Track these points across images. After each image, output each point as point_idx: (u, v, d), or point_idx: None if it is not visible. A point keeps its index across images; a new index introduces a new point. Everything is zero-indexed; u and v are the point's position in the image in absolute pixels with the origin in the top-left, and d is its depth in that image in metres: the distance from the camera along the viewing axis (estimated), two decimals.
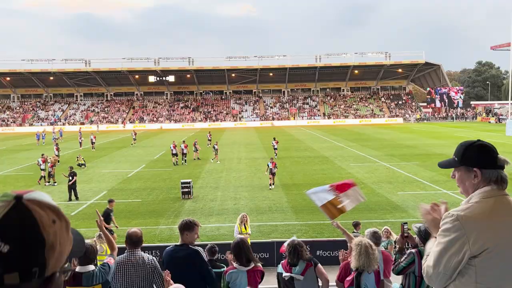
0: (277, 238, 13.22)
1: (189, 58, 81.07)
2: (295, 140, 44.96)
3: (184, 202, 18.67)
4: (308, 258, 5.05)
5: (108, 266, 4.11)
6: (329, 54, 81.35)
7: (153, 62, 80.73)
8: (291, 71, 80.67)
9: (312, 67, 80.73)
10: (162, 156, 34.41)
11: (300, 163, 28.94)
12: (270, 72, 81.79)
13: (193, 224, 4.64)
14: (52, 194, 20.71)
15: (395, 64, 79.80)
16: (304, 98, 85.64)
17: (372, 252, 4.29)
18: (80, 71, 79.18)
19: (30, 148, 42.97)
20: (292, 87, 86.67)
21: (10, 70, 78.17)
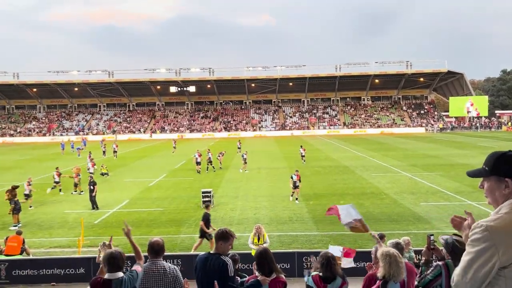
0: (298, 249, 13.14)
1: (210, 68, 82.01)
2: (315, 150, 44.73)
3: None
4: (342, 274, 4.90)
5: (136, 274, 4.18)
6: (349, 64, 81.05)
7: (174, 72, 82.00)
8: (310, 80, 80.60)
9: (332, 77, 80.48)
10: (183, 165, 34.72)
11: (321, 173, 28.75)
12: (289, 81, 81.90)
13: (228, 235, 4.66)
14: (76, 203, 21.19)
15: (417, 73, 78.85)
16: (324, 107, 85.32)
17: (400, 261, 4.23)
18: (104, 82, 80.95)
19: (55, 157, 43.97)
20: (311, 96, 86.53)
21: (36, 81, 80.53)
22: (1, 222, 17.70)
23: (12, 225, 16.83)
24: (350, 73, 79.91)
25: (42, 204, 21.27)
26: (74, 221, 17.67)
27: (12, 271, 11.80)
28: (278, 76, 79.65)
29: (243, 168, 30.35)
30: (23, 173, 32.40)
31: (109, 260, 4.16)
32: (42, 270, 11.77)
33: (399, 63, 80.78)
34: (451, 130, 75.46)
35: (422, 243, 11.88)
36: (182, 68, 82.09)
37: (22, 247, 12.48)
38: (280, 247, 13.63)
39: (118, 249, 4.36)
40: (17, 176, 30.56)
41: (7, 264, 11.84)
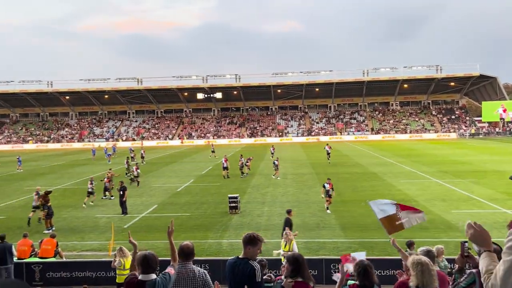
0: (325, 255, 13.01)
1: (236, 75, 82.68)
2: (342, 156, 44.26)
3: (231, 217, 18.84)
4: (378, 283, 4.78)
5: (168, 276, 4.25)
6: (376, 69, 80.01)
7: (201, 79, 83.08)
8: (337, 86, 79.97)
9: (359, 82, 79.65)
10: (210, 171, 35.01)
11: (348, 180, 28.40)
12: (316, 87, 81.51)
13: (257, 239, 4.66)
14: (107, 208, 21.66)
15: (447, 78, 77.03)
16: (351, 113, 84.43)
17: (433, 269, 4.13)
18: (133, 89, 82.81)
19: (86, 163, 45.19)
20: (338, 102, 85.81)
21: (69, 89, 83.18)
22: (36, 225, 18.28)
23: (46, 229, 17.37)
24: (378, 78, 78.87)
25: (74, 208, 21.86)
26: (104, 225, 18.09)
27: (46, 273, 12.17)
28: (304, 81, 79.44)
29: (275, 175, 29.88)
30: (57, 178, 33.46)
31: (143, 262, 4.25)
32: (75, 273, 12.09)
33: (428, 67, 79.25)
34: (484, 136, 73.19)
35: (454, 252, 11.56)
36: (209, 75, 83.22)
37: (55, 250, 12.86)
38: (307, 254, 13.51)
39: (151, 251, 4.45)
40: (51, 181, 31.58)
41: (42, 266, 12.22)
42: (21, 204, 23.39)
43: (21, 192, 27.11)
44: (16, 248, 12.48)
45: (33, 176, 35.24)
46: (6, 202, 23.93)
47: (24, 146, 78.24)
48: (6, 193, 27.14)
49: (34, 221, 18.80)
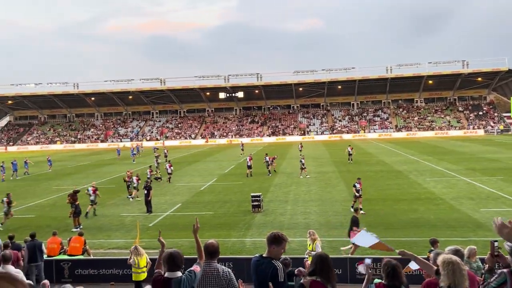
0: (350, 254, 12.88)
1: (257, 74, 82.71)
2: (366, 154, 43.73)
3: (254, 216, 18.88)
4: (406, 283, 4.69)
5: (194, 274, 4.30)
6: (400, 65, 78.64)
7: (223, 79, 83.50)
8: (360, 83, 79.04)
9: (382, 79, 78.48)
10: (232, 170, 35.18)
11: (372, 178, 28.05)
12: (338, 85, 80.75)
13: (281, 239, 4.64)
14: (132, 206, 22.02)
15: (474, 73, 75.03)
16: (374, 110, 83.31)
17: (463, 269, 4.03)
18: (156, 89, 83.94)
19: (112, 162, 46.09)
20: (361, 99, 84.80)
21: (94, 90, 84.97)
22: (64, 224, 18.77)
23: (74, 227, 17.81)
24: (402, 74, 77.53)
25: (101, 207, 22.33)
26: (130, 224, 18.41)
27: (75, 270, 12.49)
28: (326, 79, 78.82)
29: (303, 174, 29.44)
30: (83, 177, 34.23)
31: (169, 260, 4.31)
32: (102, 270, 12.36)
33: (454, 62, 77.41)
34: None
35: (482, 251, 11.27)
36: (230, 75, 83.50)
37: (83, 247, 13.17)
38: (331, 253, 13.42)
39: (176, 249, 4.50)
40: (78, 181, 32.32)
41: (70, 263, 12.54)
42: (50, 203, 24.06)
43: (49, 192, 27.86)
44: (46, 246, 12.84)
45: (61, 176, 36.16)
46: (35, 201, 24.65)
47: (52, 146, 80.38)
48: (36, 192, 27.95)
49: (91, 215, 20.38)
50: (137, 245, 11.27)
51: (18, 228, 18.19)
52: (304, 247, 12.84)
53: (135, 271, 10.76)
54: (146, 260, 10.90)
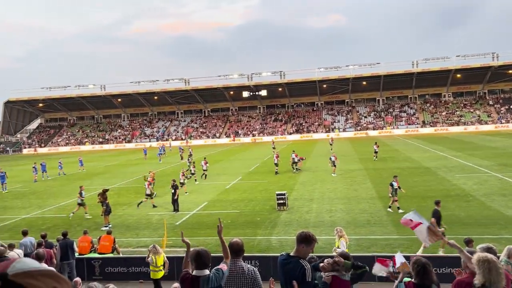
0: (377, 252, 12.71)
1: (281, 71, 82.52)
2: (392, 151, 43.00)
3: (279, 214, 18.86)
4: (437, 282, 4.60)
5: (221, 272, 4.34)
6: (427, 59, 76.90)
7: (246, 78, 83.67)
8: (385, 78, 77.75)
9: (408, 73, 76.96)
10: (257, 168, 35.23)
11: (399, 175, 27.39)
12: (363, 81, 79.67)
13: (312, 239, 4.62)
14: (159, 205, 22.31)
15: (505, 65, 72.57)
16: (401, 106, 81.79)
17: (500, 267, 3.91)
18: (180, 90, 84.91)
19: (139, 162, 46.91)
20: (387, 95, 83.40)
21: (120, 92, 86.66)
22: (94, 223, 19.24)
23: (103, 226, 18.23)
24: (429, 68, 75.81)
25: (129, 206, 22.79)
26: (157, 223, 18.71)
27: (105, 268, 12.79)
28: (351, 75, 77.90)
29: (334, 172, 28.88)
30: (111, 177, 34.99)
31: (196, 258, 4.36)
32: (131, 268, 12.61)
33: (483, 55, 75.12)
34: None
35: None
36: (253, 73, 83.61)
37: (113, 246, 13.47)
38: (358, 251, 13.28)
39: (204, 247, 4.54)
40: (106, 180, 33.06)
41: (101, 261, 12.85)
42: None
43: None
44: (77, 244, 13.20)
45: (90, 176, 37.06)
46: (66, 201, 25.35)
47: (81, 147, 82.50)
48: (67, 192, 28.74)
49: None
50: (155, 244, 11.48)
51: (51, 227, 18.76)
52: (330, 245, 12.77)
53: (153, 269, 10.98)
54: (163, 259, 11.08)
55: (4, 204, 25.60)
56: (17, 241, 12.79)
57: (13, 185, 33.29)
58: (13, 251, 11.18)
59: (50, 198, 26.85)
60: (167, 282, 11.01)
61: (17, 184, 34.21)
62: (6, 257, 10.32)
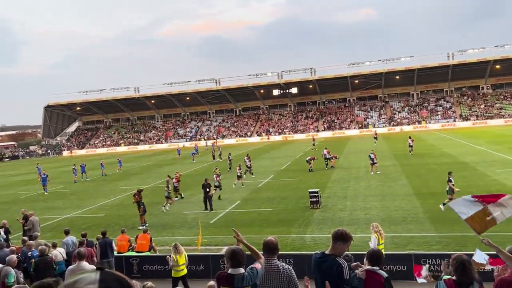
0: (414, 250, 12.43)
1: (311, 68, 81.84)
2: (428, 146, 41.85)
3: (313, 212, 18.75)
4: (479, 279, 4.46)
5: (256, 271, 4.37)
6: (463, 50, 74.27)
7: (276, 75, 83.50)
8: (419, 72, 75.65)
9: (444, 66, 74.56)
10: (289, 166, 35.14)
11: (436, 170, 26.81)
12: (396, 75, 77.85)
13: (348, 237, 4.59)
14: (194, 204, 22.64)
15: None
16: (436, 99, 79.41)
17: None
18: (212, 90, 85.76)
19: (173, 162, 47.78)
20: (421, 89, 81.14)
21: (154, 93, 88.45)
22: (131, 222, 19.76)
23: (140, 225, 18.69)
24: (465, 60, 73.19)
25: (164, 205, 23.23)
26: (192, 221, 19.01)
27: (142, 266, 13.12)
28: (383, 70, 76.29)
29: (374, 170, 27.80)
30: (147, 177, 35.79)
31: (231, 257, 4.42)
32: (168, 266, 12.85)
33: None
34: None
35: None
36: (283, 71, 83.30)
37: (150, 244, 13.79)
38: (394, 249, 13.03)
39: (239, 246, 4.59)
40: (142, 180, 33.86)
41: (138, 260, 13.19)
42: (118, 203, 25.41)
43: (117, 192, 29.43)
44: (116, 243, 13.60)
45: (127, 176, 38.07)
46: (104, 201, 26.16)
47: (117, 148, 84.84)
48: (104, 192, 29.65)
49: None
50: (176, 243, 11.62)
51: (91, 226, 19.42)
52: (365, 243, 12.57)
53: (175, 269, 11.08)
54: (185, 258, 11.16)
55: (47, 205, 26.69)
56: (59, 240, 13.32)
57: (54, 186, 34.66)
58: (56, 249, 11.66)
59: (89, 198, 27.78)
60: (203, 280, 11.18)
61: (58, 185, 35.58)
62: (48, 255, 10.78)
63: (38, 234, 13.96)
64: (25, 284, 7.91)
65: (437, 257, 11.04)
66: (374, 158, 27.93)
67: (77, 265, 8.47)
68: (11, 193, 33.66)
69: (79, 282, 1.10)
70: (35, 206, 25.87)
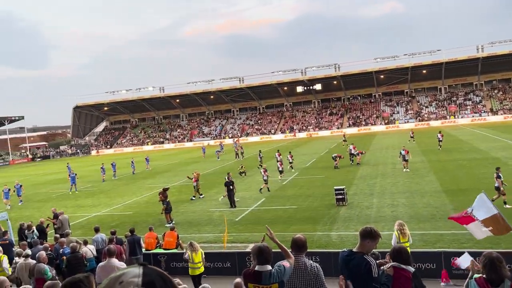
0: (444, 248, 12.16)
1: (335, 64, 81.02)
2: (457, 141, 40.80)
3: (339, 209, 18.58)
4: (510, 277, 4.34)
5: (283, 268, 4.39)
6: (493, 42, 72.00)
7: (300, 72, 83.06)
8: (447, 65, 73.78)
9: (473, 59, 72.47)
10: (313, 164, 34.94)
11: (466, 167, 26.13)
12: (423, 69, 76.19)
13: (376, 234, 4.56)
14: (218, 202, 22.79)
15: None
16: (465, 93, 77.29)
17: None
18: (235, 88, 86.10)
19: (198, 160, 48.26)
20: (449, 83, 79.13)
21: (178, 93, 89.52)
22: (158, 220, 20.07)
23: (167, 223, 18.96)
24: (495, 52, 70.89)
25: (190, 203, 23.52)
26: (218, 219, 19.15)
27: (170, 263, 13.31)
28: (410, 64, 74.77)
29: (405, 167, 26.89)
30: (173, 176, 36.27)
31: (258, 254, 4.44)
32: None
33: None
34: None
35: None
36: (307, 67, 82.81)
37: (177, 242, 13.98)
38: (423, 246, 12.79)
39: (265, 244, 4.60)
40: (168, 179, 34.33)
41: (166, 257, 13.39)
42: (145, 200, 25.86)
43: (144, 190, 29.96)
44: (144, 240, 13.84)
45: (153, 174, 38.69)
46: (132, 199, 26.67)
47: (143, 147, 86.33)
48: (132, 190, 30.23)
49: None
50: (192, 241, 11.68)
51: (119, 223, 19.84)
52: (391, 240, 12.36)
53: (191, 266, 11.14)
54: (201, 256, 11.18)
55: (77, 203, 27.43)
56: (89, 237, 13.67)
57: (84, 184, 35.58)
58: (86, 246, 11.97)
59: (117, 196, 28.37)
60: (230, 277, 11.25)
61: (87, 184, 36.50)
62: (79, 252, 11.08)
63: (70, 232, 14.37)
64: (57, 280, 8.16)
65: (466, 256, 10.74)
66: (405, 155, 27.09)
67: (107, 261, 8.67)
68: (44, 191, 34.75)
69: (124, 275, 1.19)
70: (66, 204, 26.64)
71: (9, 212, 20.93)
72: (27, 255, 10.40)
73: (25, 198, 30.40)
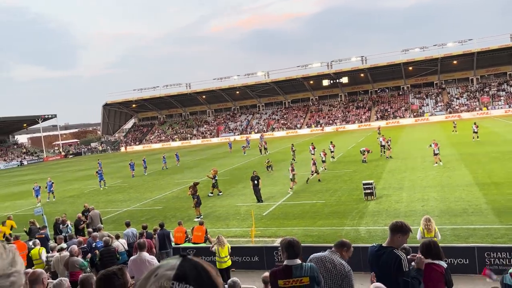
0: (477, 243, 11.84)
1: (362, 57, 79.65)
2: (491, 133, 39.52)
3: (367, 204, 18.36)
4: None
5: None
6: None
7: (326, 66, 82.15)
8: (479, 55, 71.36)
9: (507, 48, 69.75)
10: (340, 158, 34.60)
11: (500, 159, 25.30)
12: (453, 60, 73.96)
13: (407, 228, 4.51)
14: (246, 197, 22.90)
15: None
16: (498, 84, 74.62)
17: None
18: (261, 83, 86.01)
19: (225, 156, 48.60)
20: (482, 73, 76.54)
21: (204, 89, 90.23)
22: (187, 214, 20.37)
23: (196, 217, 19.22)
24: None
25: (218, 198, 23.74)
26: (245, 213, 19.26)
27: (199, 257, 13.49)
28: (439, 55, 72.71)
29: (437, 161, 25.98)
30: (201, 171, 36.65)
31: (288, 248, 4.43)
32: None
33: None
34: None
35: None
36: (333, 61, 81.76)
37: (205, 236, 14.16)
38: (455, 241, 12.50)
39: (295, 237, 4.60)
40: (197, 174, 34.72)
41: (195, 251, 13.58)
42: (174, 196, 26.27)
43: (172, 185, 30.43)
44: (173, 234, 14.09)
45: (181, 170, 39.22)
46: (161, 194, 27.14)
47: (171, 143, 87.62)
48: (161, 186, 30.75)
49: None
50: (220, 235, 11.78)
51: (149, 218, 20.25)
52: None
53: (218, 260, 11.30)
54: (228, 251, 11.32)
55: (108, 198, 28.14)
56: (121, 232, 14.02)
57: (114, 180, 36.44)
58: (118, 240, 12.29)
59: (146, 192, 28.94)
60: (258, 271, 11.33)
61: (117, 179, 37.36)
62: (111, 246, 11.39)
63: (102, 226, 14.77)
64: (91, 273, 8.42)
65: (503, 250, 10.45)
66: (435, 149, 26.10)
67: (138, 255, 8.87)
68: (76, 187, 35.82)
69: (161, 267, 1.18)
70: (98, 200, 27.39)
71: (44, 207, 21.69)
72: (62, 248, 10.77)
73: (57, 194, 31.36)
